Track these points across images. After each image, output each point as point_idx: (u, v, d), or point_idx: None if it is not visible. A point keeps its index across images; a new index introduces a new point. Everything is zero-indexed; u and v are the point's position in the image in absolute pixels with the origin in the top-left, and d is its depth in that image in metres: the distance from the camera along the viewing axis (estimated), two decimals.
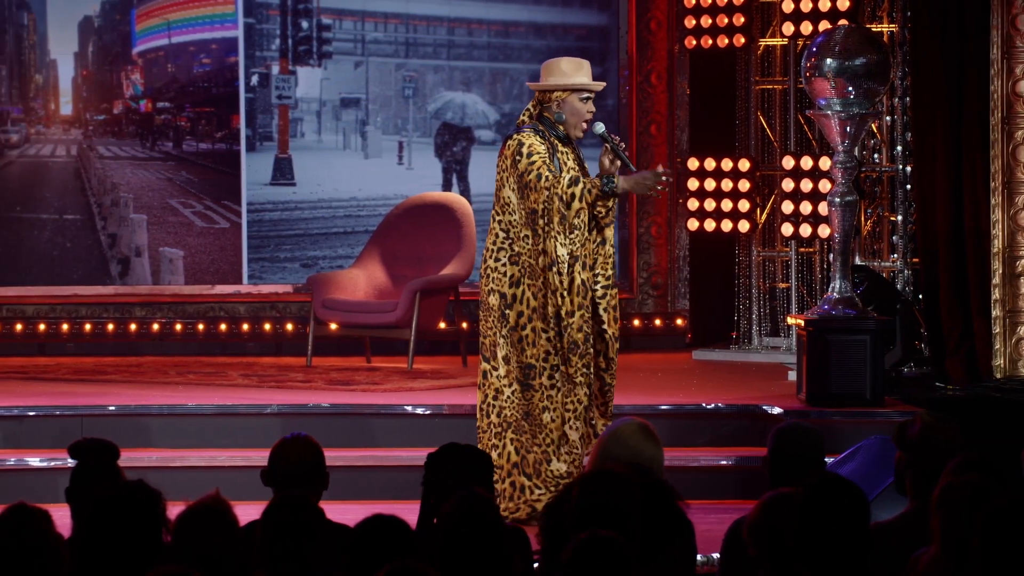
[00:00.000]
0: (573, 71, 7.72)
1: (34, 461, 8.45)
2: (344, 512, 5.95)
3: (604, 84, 7.91)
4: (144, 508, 4.21)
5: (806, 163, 10.90)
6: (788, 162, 10.98)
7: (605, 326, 7.65)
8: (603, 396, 7.72)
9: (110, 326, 11.49)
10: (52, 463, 8.35)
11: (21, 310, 11.49)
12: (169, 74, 11.75)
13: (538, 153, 7.62)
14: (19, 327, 11.43)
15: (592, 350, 7.63)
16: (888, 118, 10.77)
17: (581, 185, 7.57)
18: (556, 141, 7.71)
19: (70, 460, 5.20)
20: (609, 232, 7.71)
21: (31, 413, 8.84)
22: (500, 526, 4.25)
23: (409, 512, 4.69)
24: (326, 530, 4.29)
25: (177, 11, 11.71)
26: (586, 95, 7.72)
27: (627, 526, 4.33)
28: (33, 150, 11.65)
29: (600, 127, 7.71)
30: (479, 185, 11.48)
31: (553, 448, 7.59)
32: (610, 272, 7.69)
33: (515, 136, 7.71)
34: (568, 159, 7.73)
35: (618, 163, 7.69)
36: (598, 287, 7.64)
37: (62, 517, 5.13)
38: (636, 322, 11.91)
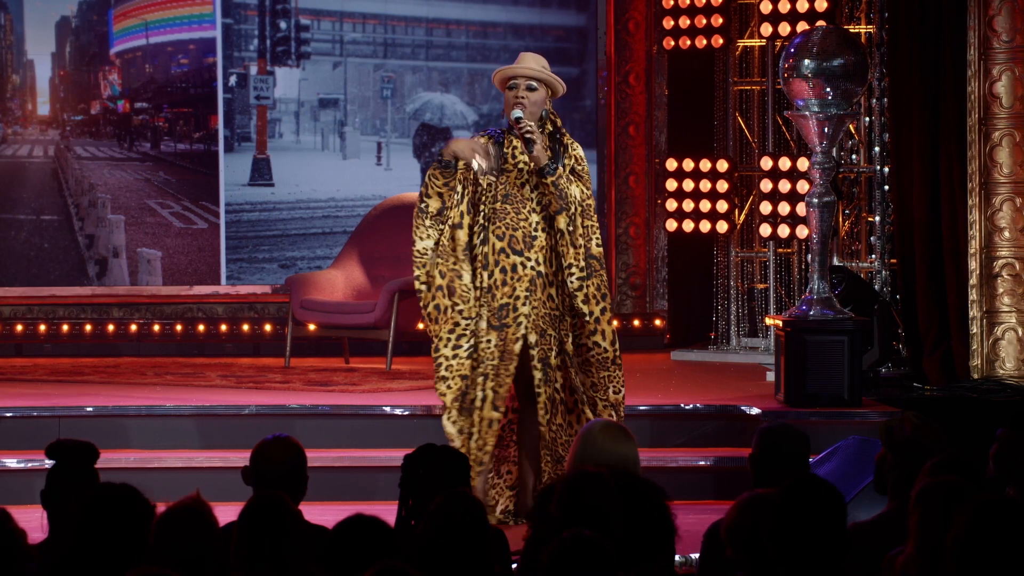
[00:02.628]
0: (512, 64, 7.63)
1: (11, 462, 8.42)
2: (323, 513, 5.95)
3: (528, 67, 7.53)
4: (135, 512, 4.20)
5: (784, 164, 10.91)
6: (766, 163, 11.00)
7: (587, 318, 7.53)
8: (591, 390, 7.58)
9: (88, 327, 11.46)
10: (29, 464, 8.33)
11: None
12: (147, 74, 11.73)
13: (446, 153, 7.54)
14: None
15: (459, 350, 7.48)
16: (866, 119, 10.80)
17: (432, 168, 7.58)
18: (512, 137, 7.55)
19: (48, 461, 5.17)
20: (559, 219, 7.44)
21: (8, 414, 8.81)
22: (487, 527, 4.26)
23: (387, 513, 4.69)
24: (303, 530, 4.28)
25: (155, 11, 11.69)
26: (513, 82, 7.51)
27: (607, 526, 4.34)
28: (10, 151, 11.62)
29: (516, 113, 7.45)
30: None
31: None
32: (582, 262, 7.47)
33: None
34: (521, 153, 7.51)
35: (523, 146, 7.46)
36: (573, 279, 7.49)
37: (38, 518, 5.12)
38: (614, 323, 11.91)
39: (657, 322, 11.94)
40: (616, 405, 7.60)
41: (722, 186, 11.28)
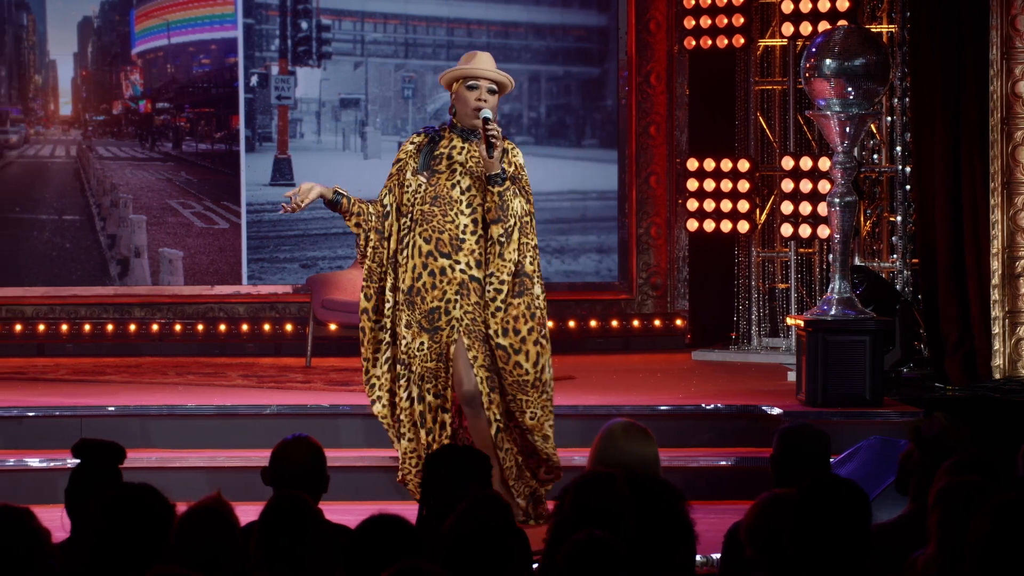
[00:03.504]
0: (464, 61, 7.42)
1: (33, 462, 8.45)
2: (344, 512, 5.95)
3: (491, 70, 7.35)
4: (155, 512, 4.21)
5: (805, 163, 10.90)
6: (787, 163, 10.99)
7: (490, 331, 7.29)
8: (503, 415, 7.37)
9: (109, 327, 11.49)
10: (51, 464, 8.35)
11: (20, 310, 11.49)
12: (168, 75, 11.75)
13: (395, 161, 7.48)
14: (18, 328, 11.43)
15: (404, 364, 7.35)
16: (887, 118, 10.78)
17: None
18: (454, 136, 7.39)
19: (74, 460, 5.17)
20: (493, 229, 7.27)
21: (30, 414, 8.84)
22: (513, 528, 4.26)
23: (408, 512, 4.69)
24: (323, 530, 4.28)
25: (176, 12, 11.71)
26: (472, 83, 7.33)
27: (620, 528, 4.33)
28: (32, 151, 11.65)
29: (485, 113, 7.26)
30: None
31: None
32: (504, 277, 7.28)
33: None
34: (459, 153, 7.35)
35: (483, 149, 7.21)
36: (490, 288, 7.30)
37: (61, 518, 5.13)
38: (635, 323, 11.92)
39: (678, 322, 11.93)
40: (532, 431, 7.39)
41: (743, 186, 11.27)
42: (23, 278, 11.50)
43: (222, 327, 11.55)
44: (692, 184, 11.42)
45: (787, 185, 10.98)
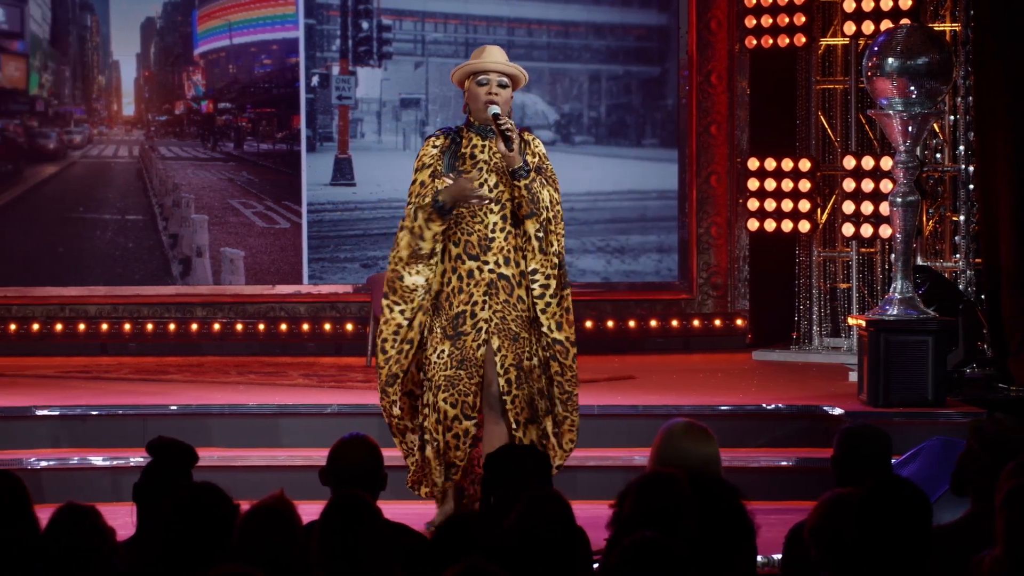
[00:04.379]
0: (474, 57, 7.26)
1: (97, 460, 8.50)
2: (402, 512, 5.97)
3: (499, 63, 7.18)
4: (219, 512, 4.23)
5: (867, 163, 10.85)
6: (849, 162, 10.94)
7: (544, 328, 7.18)
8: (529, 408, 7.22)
9: (172, 326, 11.55)
10: (115, 462, 8.41)
11: (84, 310, 11.57)
12: (230, 75, 11.80)
13: (422, 168, 7.24)
14: (82, 327, 11.51)
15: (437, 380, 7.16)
16: (951, 117, 10.71)
17: (423, 213, 7.16)
18: (472, 135, 7.27)
19: (137, 458, 5.20)
20: (529, 224, 7.16)
21: (94, 412, 8.89)
22: (573, 526, 4.25)
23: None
24: (383, 529, 4.29)
25: (238, 12, 11.77)
26: (482, 78, 7.16)
27: (681, 529, 4.32)
28: (96, 151, 11.73)
29: (493, 109, 7.13)
30: None
31: None
32: (550, 271, 7.19)
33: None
34: (481, 152, 7.23)
35: (502, 145, 7.09)
36: (536, 285, 7.18)
37: (124, 516, 5.17)
38: (696, 322, 11.89)
39: (739, 322, 11.89)
40: (572, 428, 7.26)
41: (804, 185, 11.23)
42: (86, 278, 11.57)
43: (283, 326, 11.59)
44: (753, 183, 11.39)
45: (848, 184, 10.93)
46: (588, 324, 11.70)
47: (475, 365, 7.14)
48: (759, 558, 5.41)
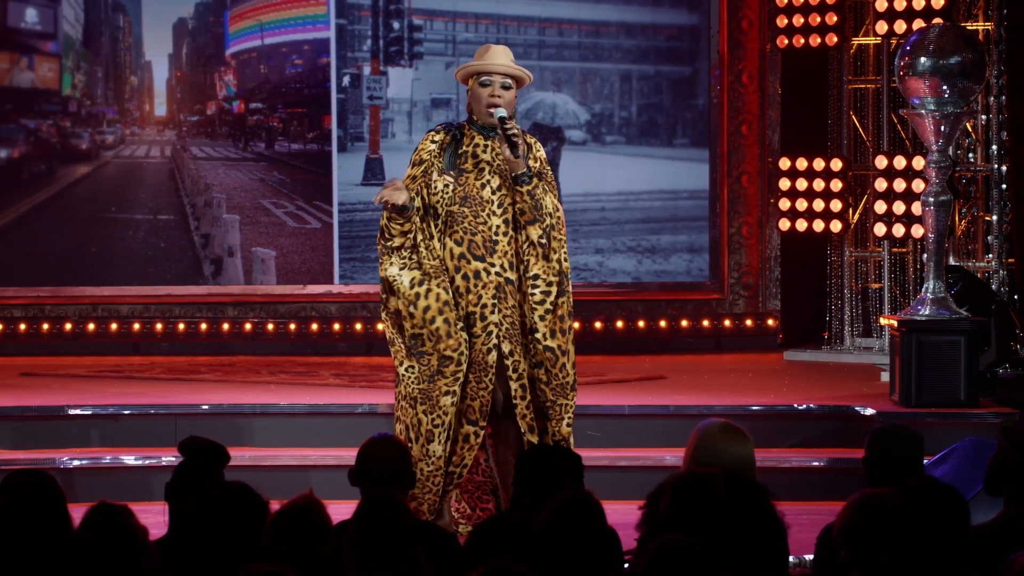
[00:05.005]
0: (478, 56, 7.15)
1: (129, 459, 8.53)
2: None
3: (504, 64, 7.08)
4: (250, 511, 4.25)
5: (899, 163, 10.82)
6: (881, 162, 10.91)
7: (539, 335, 6.98)
8: (535, 413, 7.01)
9: (203, 326, 11.58)
10: (147, 461, 8.43)
11: (116, 310, 11.61)
12: (262, 75, 11.83)
13: (416, 163, 7.11)
14: (114, 326, 11.55)
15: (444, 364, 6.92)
16: (983, 117, 10.67)
17: (386, 211, 6.97)
18: (474, 133, 7.14)
19: (169, 457, 5.22)
20: (531, 230, 7.00)
21: (126, 412, 8.93)
22: (604, 527, 4.25)
23: None
24: (416, 529, 4.30)
25: (270, 13, 11.79)
26: (485, 79, 7.05)
27: (717, 529, 4.32)
28: (128, 151, 11.77)
29: (499, 112, 7.01)
30: (570, 185, 11.47)
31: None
32: (552, 278, 7.00)
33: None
34: (483, 151, 7.09)
35: (507, 151, 6.96)
36: (536, 292, 7.00)
37: (156, 515, 5.18)
38: (727, 322, 11.87)
39: (770, 322, 11.87)
40: (567, 438, 7.02)
41: (836, 185, 11.20)
42: (118, 277, 11.61)
43: (314, 326, 11.61)
44: (784, 183, 11.36)
45: (880, 184, 10.90)
46: (619, 324, 11.69)
47: (485, 368, 6.98)
48: (790, 558, 5.40)
